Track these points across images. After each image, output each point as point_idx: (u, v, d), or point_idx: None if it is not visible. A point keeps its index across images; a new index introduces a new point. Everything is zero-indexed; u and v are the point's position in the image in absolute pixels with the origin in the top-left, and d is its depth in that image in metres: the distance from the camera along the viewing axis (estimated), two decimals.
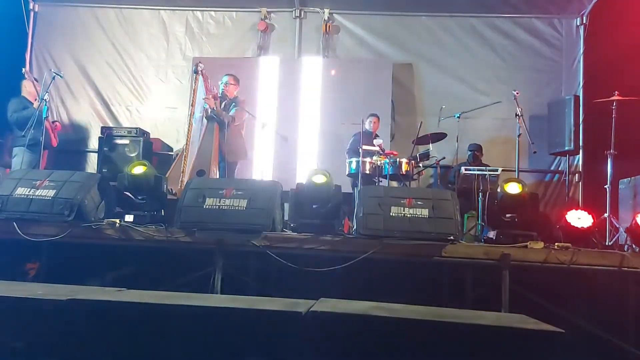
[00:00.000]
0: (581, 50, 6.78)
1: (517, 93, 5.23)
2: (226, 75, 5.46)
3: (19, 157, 5.55)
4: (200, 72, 5.10)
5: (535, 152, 5.54)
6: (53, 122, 5.09)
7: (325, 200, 3.86)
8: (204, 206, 3.70)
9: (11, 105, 5.64)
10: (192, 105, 5.08)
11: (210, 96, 5.14)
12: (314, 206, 3.88)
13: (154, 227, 3.80)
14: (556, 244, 3.70)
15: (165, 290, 3.02)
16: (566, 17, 6.87)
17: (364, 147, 5.45)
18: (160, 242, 3.74)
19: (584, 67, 6.74)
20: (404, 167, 5.41)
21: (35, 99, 5.64)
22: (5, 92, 5.75)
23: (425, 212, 3.64)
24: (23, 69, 5.60)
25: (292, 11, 7.16)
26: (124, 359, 2.37)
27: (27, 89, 5.74)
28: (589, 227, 3.90)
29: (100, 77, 7.19)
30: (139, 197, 4.00)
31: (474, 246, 3.79)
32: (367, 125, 6.21)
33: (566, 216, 3.94)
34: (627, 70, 5.73)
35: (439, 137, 5.85)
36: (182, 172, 4.82)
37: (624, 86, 5.22)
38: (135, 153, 6.15)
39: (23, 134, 5.48)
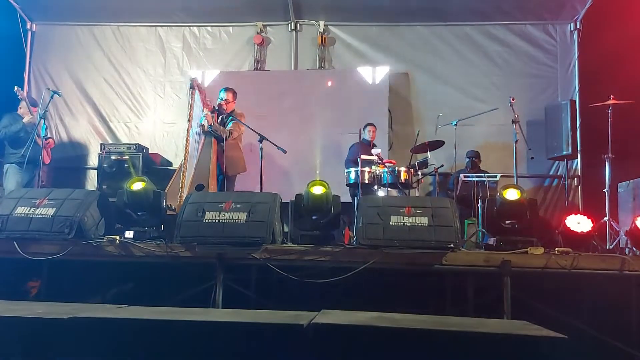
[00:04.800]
0: (576, 55, 6.84)
1: (513, 99, 5.28)
2: (223, 89, 5.49)
3: (10, 174, 5.58)
4: (196, 87, 5.12)
5: (532, 158, 5.56)
6: (46, 138, 5.09)
7: (325, 211, 3.85)
8: (204, 220, 3.68)
9: (2, 122, 5.71)
10: (189, 121, 5.10)
11: (207, 110, 5.16)
12: (313, 217, 3.87)
13: (154, 242, 3.79)
14: (556, 249, 3.68)
15: (166, 306, 3.01)
16: (560, 22, 6.94)
17: (363, 156, 5.47)
18: (160, 258, 3.72)
19: (579, 71, 6.79)
20: (403, 176, 5.43)
21: (25, 114, 5.67)
22: (4, 113, 5.80)
23: (424, 221, 3.62)
24: (15, 87, 5.64)
25: (287, 24, 7.23)
26: None
27: (21, 107, 5.78)
28: (588, 232, 3.89)
29: (98, 94, 7.24)
30: (139, 213, 4.00)
31: (474, 253, 3.78)
32: (365, 135, 6.25)
33: (565, 221, 3.93)
34: (621, 74, 5.76)
35: (436, 144, 5.87)
36: (181, 186, 4.83)
37: (619, 90, 5.24)
38: (135, 169, 6.17)
39: (15, 151, 5.52)
